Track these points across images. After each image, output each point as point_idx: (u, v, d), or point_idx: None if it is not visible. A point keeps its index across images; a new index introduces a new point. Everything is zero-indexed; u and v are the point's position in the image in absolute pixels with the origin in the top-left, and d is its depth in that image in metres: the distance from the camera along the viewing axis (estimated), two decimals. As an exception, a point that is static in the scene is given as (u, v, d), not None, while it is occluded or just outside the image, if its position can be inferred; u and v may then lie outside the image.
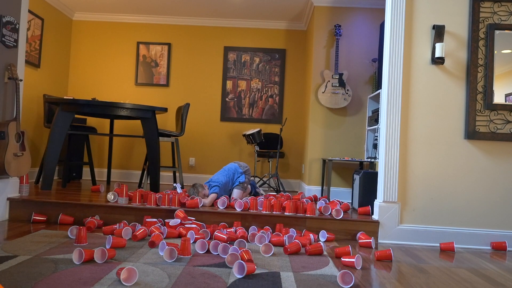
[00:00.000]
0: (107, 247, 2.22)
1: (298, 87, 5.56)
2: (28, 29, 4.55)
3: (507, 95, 2.96)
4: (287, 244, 2.51)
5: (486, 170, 2.95)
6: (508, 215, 2.92)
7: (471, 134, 2.93)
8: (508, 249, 2.86)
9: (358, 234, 2.83)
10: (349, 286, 1.78)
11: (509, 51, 2.98)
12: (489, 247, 2.89)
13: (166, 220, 2.82)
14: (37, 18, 4.74)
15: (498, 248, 2.84)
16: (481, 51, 2.97)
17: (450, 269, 2.26)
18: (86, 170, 5.37)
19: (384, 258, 2.37)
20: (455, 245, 2.85)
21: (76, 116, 4.97)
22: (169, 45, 5.57)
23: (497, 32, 2.97)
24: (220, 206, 3.07)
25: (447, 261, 2.43)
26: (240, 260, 1.92)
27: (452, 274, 2.14)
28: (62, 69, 5.43)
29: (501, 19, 2.98)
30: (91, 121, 5.51)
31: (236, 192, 3.52)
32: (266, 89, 5.56)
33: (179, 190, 3.51)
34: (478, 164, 2.96)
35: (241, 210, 3.00)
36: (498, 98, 2.96)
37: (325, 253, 2.34)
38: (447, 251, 2.80)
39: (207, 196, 3.33)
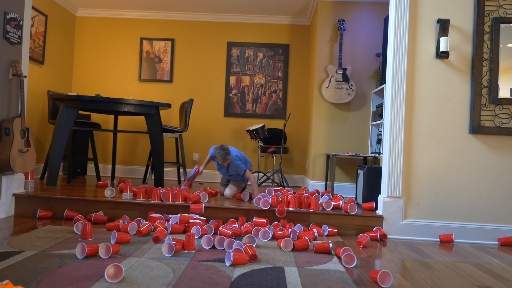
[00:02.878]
0: (112, 242, 2.24)
1: (301, 82, 5.54)
2: (31, 26, 4.56)
3: (512, 89, 2.94)
4: (291, 237, 2.52)
5: (491, 165, 2.94)
6: (513, 210, 2.91)
7: (476, 128, 2.91)
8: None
9: (374, 229, 2.86)
10: (387, 285, 1.78)
11: (514, 45, 2.96)
12: (496, 242, 2.88)
13: (169, 216, 2.84)
14: (41, 15, 4.75)
15: (506, 244, 2.82)
16: (486, 45, 2.95)
17: (454, 263, 2.25)
18: (90, 166, 5.39)
19: (365, 243, 2.54)
20: (460, 240, 2.86)
21: (80, 112, 4.98)
22: (172, 41, 5.57)
23: (502, 25, 2.94)
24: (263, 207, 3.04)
25: (451, 256, 2.43)
26: (229, 250, 2.00)
27: (457, 269, 2.14)
28: (66, 66, 5.44)
29: (507, 12, 2.95)
30: (95, 117, 5.52)
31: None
32: (269, 84, 5.55)
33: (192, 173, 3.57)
34: (483, 159, 2.94)
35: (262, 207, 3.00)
36: (504, 92, 2.94)
37: (332, 252, 2.32)
38: (446, 242, 2.82)
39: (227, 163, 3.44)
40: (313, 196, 3.26)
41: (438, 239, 2.88)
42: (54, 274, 1.71)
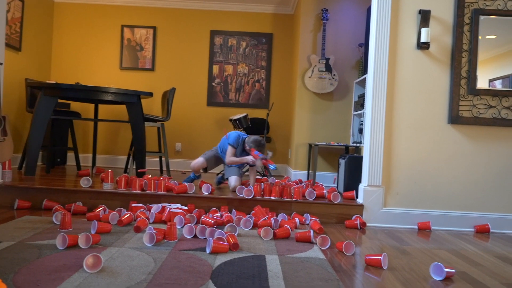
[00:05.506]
0: (92, 232, 2.21)
1: (285, 72, 5.54)
2: (7, 11, 4.41)
3: (491, 80, 3.00)
4: (273, 226, 2.54)
5: (469, 154, 3.00)
6: (490, 198, 2.99)
7: (455, 119, 2.97)
8: (491, 230, 2.94)
9: (353, 217, 2.90)
10: (385, 267, 1.90)
11: (493, 36, 3.00)
12: (472, 229, 2.96)
13: (151, 205, 2.82)
14: (17, 0, 4.60)
15: (482, 231, 2.91)
16: (466, 36, 2.99)
17: (431, 250, 2.31)
18: (70, 155, 5.30)
19: (321, 231, 2.57)
20: (438, 228, 2.94)
21: (60, 100, 4.88)
22: (154, 28, 5.48)
23: (482, 17, 2.98)
24: (205, 192, 3.06)
25: (428, 243, 2.49)
26: (210, 238, 2.02)
27: (433, 255, 2.19)
28: (44, 53, 5.30)
29: (486, 4, 2.99)
30: (75, 105, 5.42)
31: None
32: (252, 73, 5.53)
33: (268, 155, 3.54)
34: (461, 149, 3.01)
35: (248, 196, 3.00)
36: (482, 83, 2.99)
37: (313, 240, 2.33)
38: (424, 230, 2.89)
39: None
40: (297, 185, 3.28)
41: (416, 227, 2.95)
42: (32, 264, 1.68)
